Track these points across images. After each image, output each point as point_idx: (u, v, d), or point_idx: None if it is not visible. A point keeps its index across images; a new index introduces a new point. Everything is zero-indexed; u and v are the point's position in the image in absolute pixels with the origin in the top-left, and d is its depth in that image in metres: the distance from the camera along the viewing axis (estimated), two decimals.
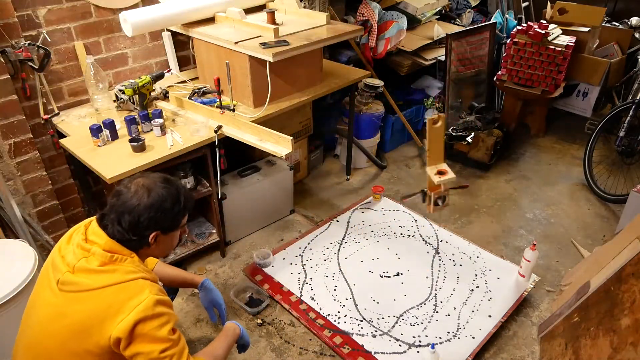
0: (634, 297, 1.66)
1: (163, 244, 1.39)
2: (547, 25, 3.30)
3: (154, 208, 1.30)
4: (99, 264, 1.25)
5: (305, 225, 2.89)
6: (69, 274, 1.25)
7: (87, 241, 1.30)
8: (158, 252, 1.43)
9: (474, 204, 3.11)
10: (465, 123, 3.53)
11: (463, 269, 2.48)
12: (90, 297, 1.22)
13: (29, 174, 2.25)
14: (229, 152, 2.33)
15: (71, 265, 1.25)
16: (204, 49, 2.51)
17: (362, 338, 2.10)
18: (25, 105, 2.23)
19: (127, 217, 1.28)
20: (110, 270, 1.25)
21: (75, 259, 1.26)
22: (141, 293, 1.23)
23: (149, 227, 1.30)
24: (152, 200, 1.30)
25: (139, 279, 1.26)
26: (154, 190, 1.32)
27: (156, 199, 1.31)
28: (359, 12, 3.31)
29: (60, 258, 1.29)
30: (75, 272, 1.24)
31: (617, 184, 3.14)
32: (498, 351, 2.12)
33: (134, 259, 1.31)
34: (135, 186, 1.32)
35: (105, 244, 1.28)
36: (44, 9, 2.18)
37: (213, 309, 1.84)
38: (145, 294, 1.23)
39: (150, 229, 1.31)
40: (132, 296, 1.22)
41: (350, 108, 3.04)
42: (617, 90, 3.85)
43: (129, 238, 1.30)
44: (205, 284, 1.83)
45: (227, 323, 1.64)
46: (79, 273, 1.24)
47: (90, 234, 1.31)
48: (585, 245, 2.73)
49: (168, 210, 1.33)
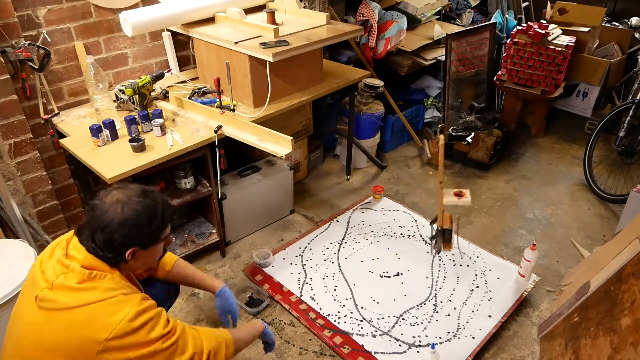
0: (634, 297, 1.66)
1: (143, 258, 1.34)
2: (547, 25, 3.30)
3: (128, 225, 1.24)
4: (78, 281, 1.21)
5: (305, 225, 2.89)
6: (47, 291, 1.21)
7: (68, 256, 1.26)
8: (139, 267, 1.38)
9: (474, 204, 3.11)
10: (465, 123, 3.53)
11: (463, 269, 2.48)
12: (68, 316, 1.18)
13: (29, 174, 2.25)
14: (229, 152, 2.33)
15: (50, 281, 1.22)
16: (204, 49, 2.51)
17: (362, 338, 2.10)
18: (25, 105, 2.23)
19: (100, 235, 1.23)
20: (89, 288, 1.21)
21: (54, 275, 1.23)
22: (122, 310, 1.20)
23: (123, 244, 1.25)
24: (126, 216, 1.24)
25: (119, 296, 1.22)
26: (128, 205, 1.26)
27: (130, 215, 1.25)
28: (359, 12, 3.31)
29: (41, 273, 1.26)
30: (54, 289, 1.21)
31: (617, 184, 3.14)
32: (498, 351, 2.12)
33: (114, 275, 1.27)
34: (109, 200, 1.26)
35: (84, 259, 1.24)
36: (44, 9, 2.18)
37: (227, 315, 1.82)
38: (127, 309, 1.20)
39: (125, 246, 1.26)
40: (113, 313, 1.19)
41: (350, 108, 3.04)
42: (617, 90, 3.85)
43: (105, 255, 1.25)
44: (222, 293, 1.80)
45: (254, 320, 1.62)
46: (57, 290, 1.21)
47: (71, 249, 1.27)
48: (585, 245, 2.73)
49: (144, 226, 1.27)
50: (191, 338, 1.33)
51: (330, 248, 2.63)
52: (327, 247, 2.64)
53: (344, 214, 2.91)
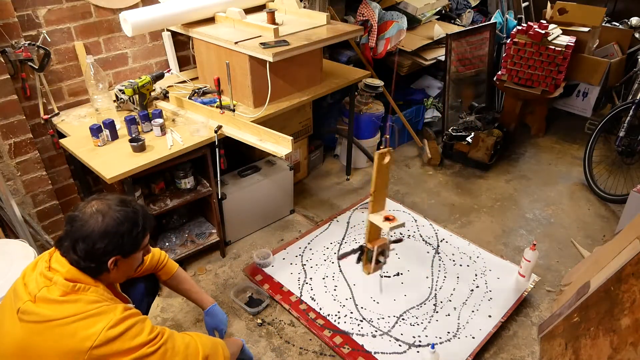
0: (634, 297, 1.66)
1: (124, 267, 1.35)
2: (547, 25, 3.31)
3: (110, 233, 1.25)
4: (61, 293, 1.21)
5: (305, 225, 2.89)
6: (30, 303, 1.20)
7: (50, 269, 1.25)
8: (119, 277, 1.38)
9: (474, 204, 3.11)
10: (465, 123, 3.54)
11: (463, 269, 2.48)
12: (51, 329, 1.18)
13: (29, 174, 2.25)
14: (229, 152, 2.33)
15: (32, 294, 1.21)
16: (204, 49, 2.51)
17: (362, 338, 2.10)
18: (25, 105, 2.23)
19: (82, 245, 1.23)
20: (72, 301, 1.21)
21: (37, 287, 1.22)
22: (104, 320, 1.20)
23: (106, 253, 1.26)
24: (107, 225, 1.25)
25: (102, 307, 1.23)
26: (109, 214, 1.26)
27: (111, 224, 1.25)
28: (359, 12, 3.31)
29: (23, 286, 1.25)
30: (37, 302, 1.20)
31: (617, 184, 3.14)
32: (498, 351, 2.12)
33: (98, 288, 1.27)
34: (89, 210, 1.26)
35: (68, 272, 1.24)
36: (44, 9, 2.18)
37: (214, 330, 1.84)
38: (108, 318, 1.20)
39: (107, 255, 1.26)
40: (95, 323, 1.19)
41: (350, 108, 3.04)
42: (617, 90, 3.85)
43: (87, 265, 1.25)
44: (212, 311, 1.82)
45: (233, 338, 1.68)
46: (40, 303, 1.20)
47: (54, 262, 1.26)
48: (585, 245, 2.73)
49: (126, 234, 1.28)
50: (181, 342, 1.33)
51: (330, 248, 2.63)
52: (327, 247, 2.64)
53: (344, 214, 2.91)
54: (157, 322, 2.22)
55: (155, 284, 1.84)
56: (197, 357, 1.34)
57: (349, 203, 3.07)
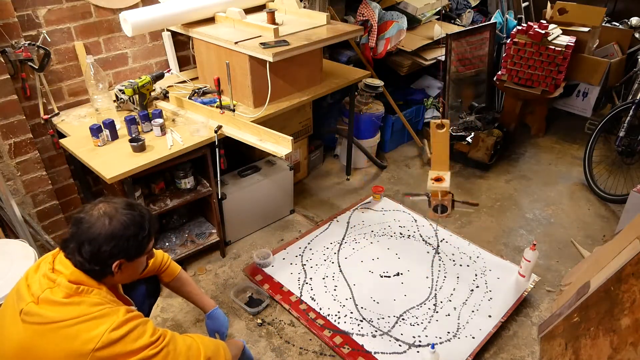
0: (634, 297, 1.66)
1: (128, 271, 1.34)
2: (547, 25, 3.30)
3: (116, 236, 1.25)
4: (64, 295, 1.21)
5: (305, 225, 2.89)
6: (33, 305, 1.20)
7: (54, 271, 1.25)
8: (122, 280, 1.38)
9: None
10: (465, 123, 3.54)
11: (463, 269, 2.48)
12: (54, 331, 1.17)
13: (29, 174, 2.25)
14: (229, 152, 2.33)
15: (35, 295, 1.21)
16: (204, 49, 2.51)
17: (362, 338, 2.10)
18: (25, 105, 2.23)
19: (87, 247, 1.22)
20: (75, 303, 1.21)
21: (40, 289, 1.22)
22: (106, 322, 1.20)
23: (111, 256, 1.25)
24: (114, 228, 1.25)
25: (105, 309, 1.22)
26: (116, 217, 1.26)
27: (118, 227, 1.25)
28: (359, 12, 3.31)
29: (26, 287, 1.24)
30: (40, 303, 1.20)
31: (617, 184, 3.14)
32: (498, 351, 2.12)
33: (101, 290, 1.27)
34: (96, 213, 1.26)
35: (72, 274, 1.24)
36: (44, 9, 2.18)
37: (215, 333, 1.84)
38: (111, 320, 1.20)
39: (113, 258, 1.26)
40: (97, 325, 1.19)
41: (350, 108, 3.04)
42: (617, 90, 3.85)
43: (91, 268, 1.25)
44: (213, 314, 1.83)
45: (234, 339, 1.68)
46: (43, 304, 1.20)
47: (57, 264, 1.26)
48: (585, 245, 2.73)
49: (132, 238, 1.28)
50: (183, 344, 1.34)
51: (330, 248, 2.63)
52: (327, 247, 2.64)
53: (344, 214, 2.91)
54: (157, 322, 2.22)
55: (156, 285, 1.85)
56: (199, 359, 1.35)
57: (349, 203, 3.07)
